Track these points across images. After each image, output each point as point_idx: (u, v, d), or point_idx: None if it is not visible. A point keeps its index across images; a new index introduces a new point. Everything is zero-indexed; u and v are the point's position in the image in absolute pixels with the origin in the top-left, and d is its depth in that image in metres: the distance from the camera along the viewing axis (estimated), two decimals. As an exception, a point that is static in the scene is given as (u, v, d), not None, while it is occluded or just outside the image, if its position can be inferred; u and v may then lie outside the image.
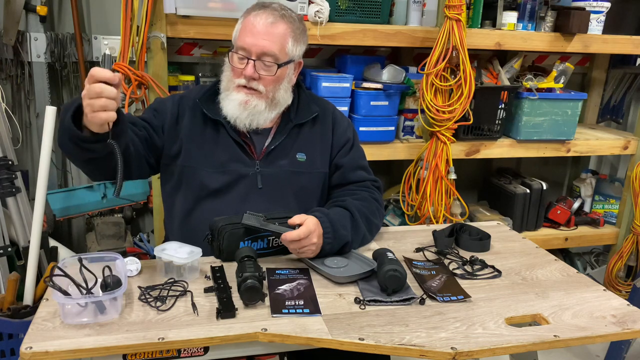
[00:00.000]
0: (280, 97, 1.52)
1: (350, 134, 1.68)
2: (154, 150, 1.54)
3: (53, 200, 2.31)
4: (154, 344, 1.06)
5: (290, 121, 1.58)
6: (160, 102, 1.61)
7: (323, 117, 1.64)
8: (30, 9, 2.20)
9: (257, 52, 1.44)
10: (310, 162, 1.59)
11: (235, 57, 1.47)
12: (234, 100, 1.48)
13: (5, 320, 1.79)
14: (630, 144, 2.69)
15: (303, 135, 1.60)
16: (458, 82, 2.17)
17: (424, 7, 2.32)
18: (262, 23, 1.44)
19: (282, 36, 1.46)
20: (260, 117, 1.50)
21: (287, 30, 1.47)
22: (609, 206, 2.94)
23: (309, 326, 1.14)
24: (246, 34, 1.45)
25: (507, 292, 1.33)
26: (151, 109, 1.59)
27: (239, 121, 1.49)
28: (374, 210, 1.58)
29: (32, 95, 2.33)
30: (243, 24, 1.48)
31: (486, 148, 2.46)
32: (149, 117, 1.55)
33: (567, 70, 2.54)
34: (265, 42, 1.44)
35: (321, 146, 1.62)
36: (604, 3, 2.46)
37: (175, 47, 2.41)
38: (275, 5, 1.49)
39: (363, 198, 1.58)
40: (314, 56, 2.63)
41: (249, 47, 1.44)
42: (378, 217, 1.60)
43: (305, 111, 1.60)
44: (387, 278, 1.25)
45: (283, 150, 1.56)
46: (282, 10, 1.49)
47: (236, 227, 1.39)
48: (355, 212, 1.51)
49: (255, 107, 1.48)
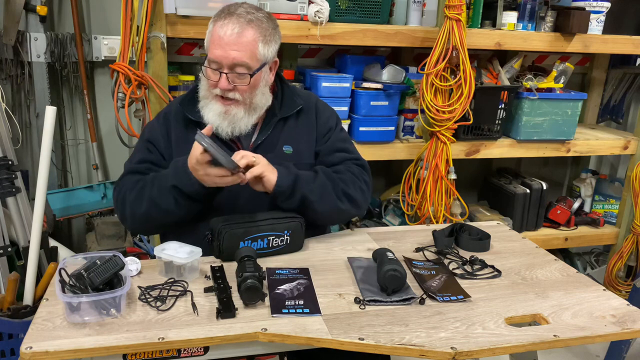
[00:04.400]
0: (258, 101, 1.52)
1: (332, 123, 1.68)
2: None
3: (53, 200, 2.31)
4: (154, 343, 1.06)
5: (275, 115, 1.58)
6: (150, 130, 1.62)
7: (307, 110, 1.64)
8: (30, 9, 2.20)
9: (228, 64, 1.43)
10: (297, 154, 1.60)
11: (209, 70, 1.46)
12: (213, 110, 1.49)
13: (5, 320, 1.79)
14: (630, 144, 2.69)
15: (288, 128, 1.60)
16: (458, 82, 2.17)
17: (424, 7, 2.32)
18: (229, 33, 1.41)
19: (250, 43, 1.43)
20: (241, 124, 1.51)
21: (255, 35, 1.44)
22: (609, 206, 2.94)
23: (309, 326, 1.14)
24: (215, 47, 1.43)
25: (507, 292, 1.33)
26: (144, 142, 1.59)
27: (221, 129, 1.50)
28: (347, 179, 1.56)
29: (32, 95, 2.33)
30: (211, 35, 1.45)
31: (486, 148, 2.46)
32: (145, 156, 1.57)
33: (567, 70, 2.54)
34: (234, 53, 1.42)
35: (307, 138, 1.63)
36: (604, 3, 2.46)
37: (175, 47, 2.41)
38: (241, 11, 1.45)
39: (336, 170, 1.59)
40: (314, 56, 2.63)
41: (219, 59, 1.43)
42: (352, 186, 1.56)
43: (290, 105, 1.60)
44: (387, 278, 1.25)
45: (269, 144, 1.57)
46: (248, 15, 1.44)
47: (236, 227, 1.39)
48: (319, 171, 1.55)
49: (234, 115, 1.49)
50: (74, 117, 2.48)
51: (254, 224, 1.42)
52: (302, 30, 2.13)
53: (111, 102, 2.05)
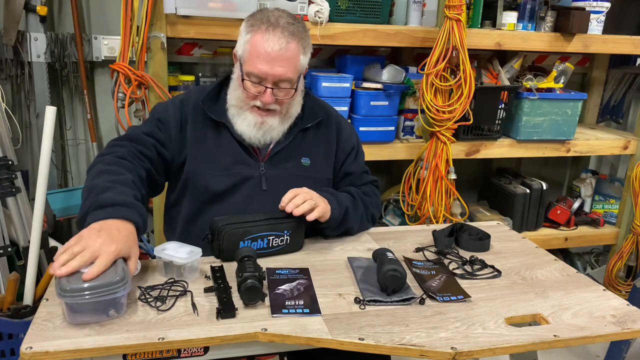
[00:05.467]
0: (293, 110, 1.52)
1: (355, 140, 1.70)
2: (163, 166, 1.52)
3: (53, 200, 2.31)
4: (154, 344, 1.06)
5: (296, 125, 1.57)
6: (162, 109, 1.55)
7: (327, 122, 1.64)
8: (30, 9, 2.20)
9: (274, 79, 1.40)
10: (314, 167, 1.59)
11: (249, 83, 1.42)
12: (249, 121, 1.47)
13: (5, 320, 1.79)
14: (630, 144, 2.70)
15: (308, 139, 1.59)
16: (458, 82, 2.17)
17: (424, 7, 2.32)
18: (277, 49, 1.37)
19: (294, 57, 1.41)
20: (274, 133, 1.51)
21: (297, 48, 1.41)
22: (609, 206, 2.94)
23: (309, 326, 1.14)
24: (259, 61, 1.38)
25: (507, 292, 1.33)
26: (154, 120, 1.52)
27: (254, 139, 1.49)
28: (373, 202, 1.67)
29: (32, 95, 2.33)
30: (252, 46, 1.40)
31: (486, 148, 2.46)
32: (154, 132, 1.49)
33: (567, 70, 2.54)
34: (280, 70, 1.39)
35: (325, 152, 1.63)
36: (604, 3, 2.46)
37: (175, 47, 2.41)
38: (284, 22, 1.40)
39: (365, 192, 1.67)
40: (314, 56, 2.62)
41: (264, 75, 1.39)
42: (376, 209, 1.69)
43: (311, 115, 1.59)
44: (387, 278, 1.25)
45: (288, 153, 1.56)
46: (290, 26, 1.40)
47: (236, 227, 1.39)
48: (357, 198, 1.60)
49: (270, 125, 1.48)
50: (74, 117, 2.48)
51: (254, 223, 1.41)
52: (302, 30, 2.13)
53: (111, 102, 2.06)
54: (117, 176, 1.32)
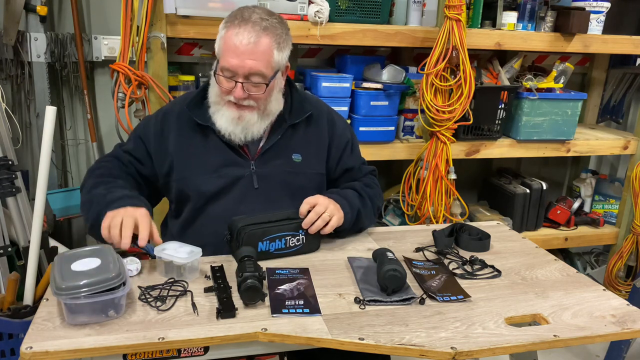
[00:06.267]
0: (272, 107, 1.51)
1: (349, 134, 1.70)
2: (144, 181, 1.58)
3: (53, 200, 2.30)
4: (154, 343, 1.06)
5: (284, 121, 1.57)
6: (143, 126, 1.61)
7: (318, 117, 1.63)
8: (30, 9, 2.20)
9: (244, 73, 1.40)
10: (306, 162, 1.59)
11: (222, 77, 1.43)
12: (226, 116, 1.48)
13: (5, 320, 1.79)
14: (630, 144, 2.70)
15: (298, 135, 1.59)
16: (458, 82, 2.17)
17: (424, 7, 2.32)
18: (245, 42, 1.37)
19: (266, 52, 1.40)
20: (254, 129, 1.50)
21: (270, 43, 1.40)
22: (609, 206, 2.95)
23: (309, 326, 1.14)
24: (230, 55, 1.39)
25: (507, 292, 1.33)
26: (136, 137, 1.59)
27: (234, 135, 1.49)
28: (377, 194, 1.69)
29: (32, 95, 2.33)
30: (225, 42, 1.41)
31: (486, 148, 2.46)
32: (134, 149, 1.57)
33: (567, 70, 2.54)
34: (250, 63, 1.39)
35: (317, 147, 1.62)
36: (604, 3, 2.46)
37: (175, 47, 2.41)
38: (256, 18, 1.41)
39: (368, 184, 1.68)
40: (314, 56, 2.63)
41: (235, 68, 1.40)
42: (379, 200, 1.71)
43: (298, 111, 1.59)
44: (387, 278, 1.25)
45: (278, 150, 1.56)
46: (263, 22, 1.41)
47: (255, 227, 1.39)
48: (364, 196, 1.62)
49: (248, 121, 1.48)
50: (74, 117, 2.48)
51: (273, 224, 1.42)
52: (302, 31, 2.13)
53: (111, 102, 2.06)
54: (111, 183, 1.47)
